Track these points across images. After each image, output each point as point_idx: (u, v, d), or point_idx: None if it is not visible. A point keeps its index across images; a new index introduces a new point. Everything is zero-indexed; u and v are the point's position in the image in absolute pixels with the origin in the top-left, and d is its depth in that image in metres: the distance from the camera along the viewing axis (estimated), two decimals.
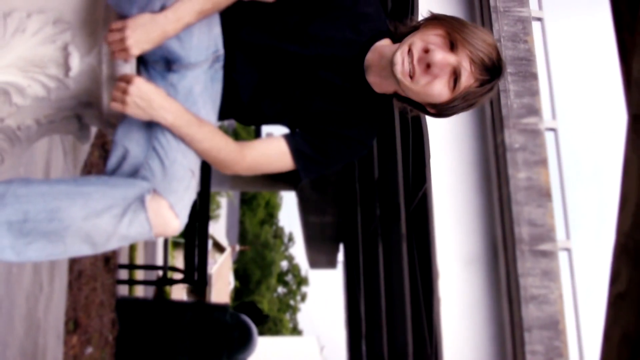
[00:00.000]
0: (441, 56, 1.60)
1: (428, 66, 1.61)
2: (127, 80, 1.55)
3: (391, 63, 1.64)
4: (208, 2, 1.56)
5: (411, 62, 1.62)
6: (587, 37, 4.54)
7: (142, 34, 1.52)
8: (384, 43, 1.73)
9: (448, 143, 4.26)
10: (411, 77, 1.62)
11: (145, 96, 1.55)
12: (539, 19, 4.40)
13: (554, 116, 4.23)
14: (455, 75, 1.62)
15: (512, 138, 3.93)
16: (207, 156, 1.67)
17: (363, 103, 1.77)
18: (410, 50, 1.63)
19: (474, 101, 1.67)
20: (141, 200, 1.56)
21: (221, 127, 1.84)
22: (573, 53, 4.60)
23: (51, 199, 1.54)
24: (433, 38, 1.62)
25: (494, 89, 1.67)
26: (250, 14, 1.71)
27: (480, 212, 4.19)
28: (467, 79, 1.62)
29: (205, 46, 1.63)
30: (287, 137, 1.75)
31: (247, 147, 1.73)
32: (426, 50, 1.61)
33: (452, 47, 1.61)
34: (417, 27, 1.69)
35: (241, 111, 1.82)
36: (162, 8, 1.53)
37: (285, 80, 1.74)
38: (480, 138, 4.27)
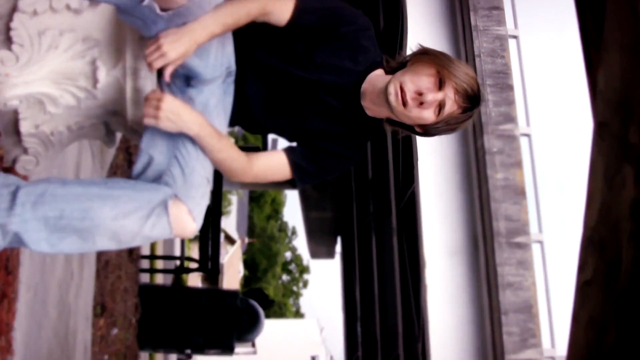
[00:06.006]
0: (431, 97, 1.64)
1: (421, 103, 1.65)
2: (158, 97, 1.56)
3: (385, 92, 1.67)
4: (229, 17, 1.58)
5: (404, 97, 1.65)
6: (557, 52, 4.53)
7: (173, 40, 1.53)
8: (378, 73, 1.77)
9: (434, 146, 4.26)
10: (404, 105, 1.65)
11: (175, 110, 1.56)
12: (515, 37, 4.40)
13: (528, 123, 4.23)
14: (440, 105, 1.66)
15: (491, 143, 3.93)
16: (221, 164, 1.69)
17: (356, 124, 1.80)
18: (402, 88, 1.66)
19: (456, 126, 1.71)
20: (164, 205, 1.57)
21: (231, 133, 1.85)
22: (545, 67, 4.60)
23: (85, 199, 1.55)
24: (424, 81, 1.65)
25: (473, 116, 1.71)
26: (262, 35, 1.73)
27: (462, 208, 4.18)
28: (450, 107, 1.66)
29: (219, 64, 1.65)
30: (287, 151, 1.79)
31: (254, 159, 1.75)
32: (419, 94, 1.64)
33: (441, 83, 1.64)
34: (407, 62, 1.72)
35: (249, 121, 1.83)
36: (183, 24, 1.55)
37: (289, 100, 1.76)
38: (463, 142, 4.27)
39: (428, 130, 1.73)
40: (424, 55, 1.70)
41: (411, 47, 1.75)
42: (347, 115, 1.78)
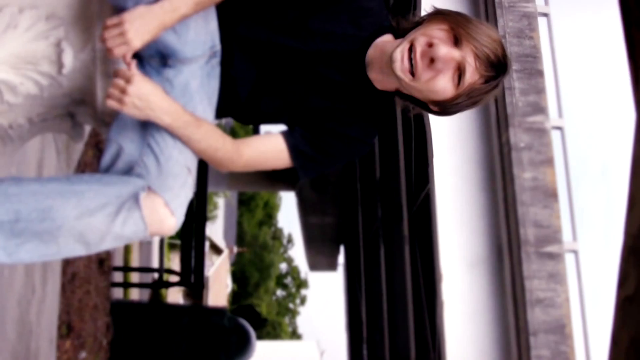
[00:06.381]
0: (445, 50, 1.61)
1: (432, 61, 1.62)
2: (127, 78, 1.55)
3: (391, 59, 1.64)
4: None
5: (414, 57, 1.62)
6: (594, 33, 4.54)
7: (140, 25, 1.52)
8: (386, 39, 1.74)
9: (451, 142, 4.26)
10: (413, 73, 1.63)
11: (144, 97, 1.55)
12: (545, 15, 4.40)
13: (560, 114, 4.23)
14: (460, 71, 1.62)
15: (518, 137, 3.93)
16: (204, 155, 1.68)
17: (364, 100, 1.77)
18: (412, 46, 1.63)
19: (479, 98, 1.68)
20: (135, 198, 1.56)
21: (218, 126, 1.85)
22: (580, 50, 4.60)
23: (43, 197, 1.54)
24: (437, 32, 1.63)
25: (499, 86, 1.68)
26: (248, 8, 1.72)
27: (484, 213, 4.19)
28: (471, 75, 1.63)
29: (202, 41, 1.64)
30: (285, 135, 1.76)
31: (244, 145, 1.73)
32: (430, 45, 1.62)
33: (457, 42, 1.62)
34: (419, 23, 1.70)
35: (239, 109, 1.82)
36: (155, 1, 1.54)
37: (284, 77, 1.74)
38: (485, 137, 4.27)
39: (446, 108, 1.70)
40: (437, 15, 1.68)
41: (425, 9, 1.74)
42: (353, 90, 1.75)
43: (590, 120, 4.53)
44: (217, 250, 26.23)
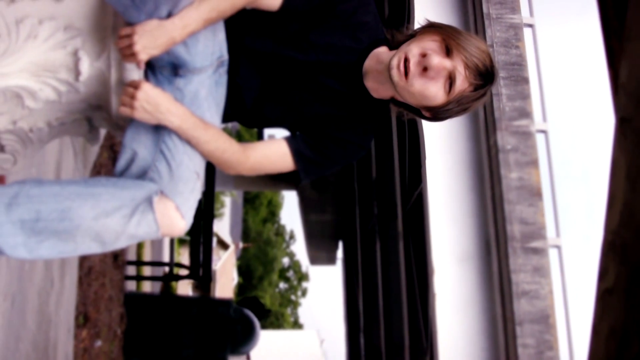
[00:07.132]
0: (437, 60, 1.62)
1: (425, 69, 1.62)
2: (135, 85, 1.57)
3: (388, 67, 1.65)
4: (213, 11, 1.57)
5: (408, 65, 1.63)
6: (576, 43, 4.54)
7: (149, 40, 1.53)
8: (381, 50, 1.75)
9: (443, 144, 4.26)
10: (406, 77, 1.64)
11: (152, 101, 1.56)
12: (530, 26, 4.40)
13: (544, 119, 4.23)
14: (451, 80, 1.63)
15: (505, 140, 3.93)
16: (212, 157, 1.68)
17: (361, 107, 1.78)
18: (406, 56, 1.64)
19: (468, 105, 1.68)
20: (149, 201, 1.57)
21: (225, 130, 1.85)
22: (563, 58, 4.61)
23: (62, 199, 1.55)
24: (430, 44, 1.64)
25: (487, 94, 1.69)
26: (253, 21, 1.73)
27: (473, 210, 4.19)
28: (461, 83, 1.64)
29: (210, 52, 1.64)
30: (289, 140, 1.77)
31: (250, 149, 1.74)
32: (423, 55, 1.63)
33: (448, 52, 1.63)
34: (413, 35, 1.71)
35: (244, 114, 1.83)
36: (169, 15, 1.54)
37: (286, 85, 1.75)
38: (474, 140, 4.27)
39: (437, 114, 1.70)
40: (430, 27, 1.69)
41: (419, 21, 1.75)
42: (350, 98, 1.76)
43: (573, 124, 4.53)
44: (223, 245, 26.22)
